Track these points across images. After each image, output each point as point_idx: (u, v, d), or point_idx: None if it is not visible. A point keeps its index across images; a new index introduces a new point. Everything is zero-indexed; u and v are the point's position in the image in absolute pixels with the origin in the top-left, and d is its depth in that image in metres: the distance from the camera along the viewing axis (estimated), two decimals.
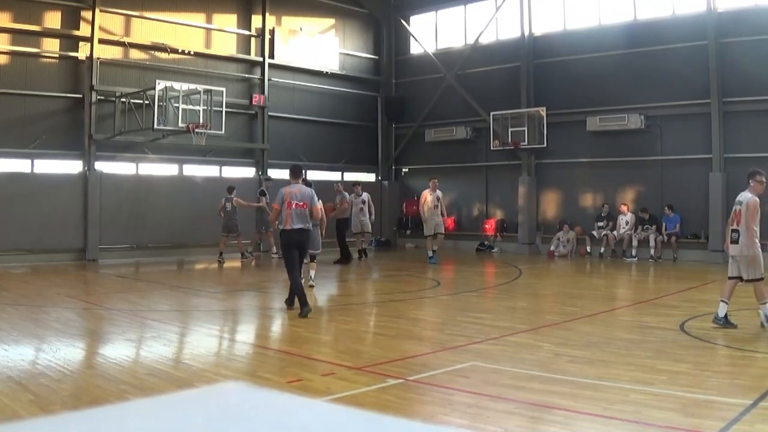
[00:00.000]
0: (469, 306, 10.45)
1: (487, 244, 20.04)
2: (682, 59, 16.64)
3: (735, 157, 15.98)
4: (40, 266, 14.93)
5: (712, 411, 4.59)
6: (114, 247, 16.81)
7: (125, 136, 16.72)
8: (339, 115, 21.80)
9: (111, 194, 16.60)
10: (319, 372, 5.76)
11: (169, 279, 13.63)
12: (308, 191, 8.82)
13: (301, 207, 8.67)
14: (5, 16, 15.38)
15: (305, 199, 8.71)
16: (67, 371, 5.72)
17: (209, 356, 6.77)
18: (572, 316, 8.75)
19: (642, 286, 13.41)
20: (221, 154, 18.82)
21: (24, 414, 4.44)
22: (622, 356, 6.31)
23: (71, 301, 10.01)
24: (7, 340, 6.97)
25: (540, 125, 18.83)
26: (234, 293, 11.60)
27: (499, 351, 6.75)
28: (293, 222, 8.63)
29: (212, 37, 19.00)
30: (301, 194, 8.71)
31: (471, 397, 5.02)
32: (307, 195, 8.77)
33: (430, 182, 15.98)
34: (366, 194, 16.91)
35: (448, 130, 20.93)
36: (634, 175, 17.98)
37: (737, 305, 9.78)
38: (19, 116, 15.68)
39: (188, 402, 1.24)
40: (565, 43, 18.81)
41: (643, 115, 17.01)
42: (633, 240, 16.95)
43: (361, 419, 1.16)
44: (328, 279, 13.51)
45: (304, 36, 20.67)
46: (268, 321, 9.26)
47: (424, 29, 22.31)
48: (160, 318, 8.64)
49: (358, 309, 10.09)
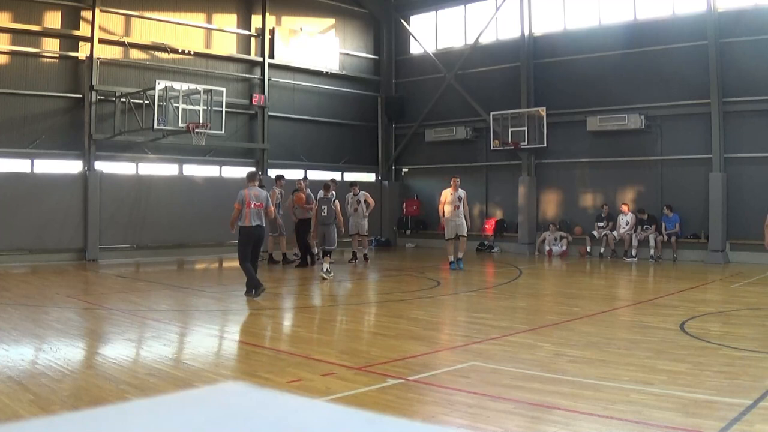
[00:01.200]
0: (469, 306, 10.46)
1: (487, 244, 20.04)
2: (682, 59, 16.64)
3: (735, 157, 16.00)
4: (40, 266, 14.92)
5: (712, 411, 4.59)
6: (114, 247, 16.82)
7: (125, 136, 16.72)
8: (339, 115, 21.81)
9: (111, 194, 16.60)
10: (319, 372, 5.76)
11: (169, 279, 13.62)
12: (264, 193, 10.16)
13: (258, 207, 9.95)
14: (5, 16, 15.38)
15: (261, 200, 10.01)
16: (67, 371, 5.72)
17: (209, 356, 6.77)
18: (572, 316, 8.75)
19: (642, 286, 13.40)
20: (221, 154, 18.82)
21: (24, 414, 4.43)
22: (622, 356, 6.31)
23: (71, 301, 10.01)
24: (7, 340, 6.97)
25: (540, 125, 18.83)
26: (234, 293, 11.59)
27: (499, 351, 6.75)
28: (252, 219, 9.91)
29: (212, 37, 19.00)
30: (258, 196, 10.00)
31: (471, 397, 5.01)
32: (263, 196, 10.08)
33: (452, 180, 14.51)
34: (363, 193, 16.38)
35: (448, 130, 20.94)
36: (634, 175, 17.99)
37: (737, 305, 9.79)
38: (19, 116, 15.68)
39: (188, 402, 1.24)
40: (565, 43, 18.82)
41: (643, 115, 17.01)
42: (633, 240, 16.95)
43: (361, 419, 1.16)
44: (328, 279, 13.50)
45: (304, 36, 20.68)
46: (268, 321, 9.26)
47: (424, 29, 22.32)
48: (160, 318, 8.64)
49: (358, 309, 10.09)
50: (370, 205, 16.34)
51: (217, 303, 10.50)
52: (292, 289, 12.54)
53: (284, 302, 11.05)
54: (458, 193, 14.32)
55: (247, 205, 9.87)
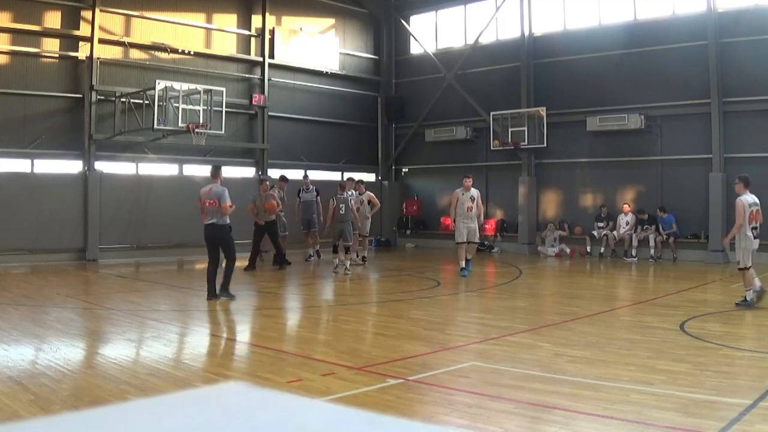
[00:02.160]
0: (469, 306, 10.46)
1: (487, 244, 20.04)
2: (682, 59, 16.64)
3: (735, 157, 15.99)
4: (40, 266, 14.92)
5: (712, 411, 4.59)
6: (114, 247, 16.81)
7: (125, 136, 16.72)
8: (339, 115, 21.81)
9: (111, 194, 16.60)
10: (319, 372, 5.76)
11: (169, 279, 13.63)
12: (217, 190, 9.98)
13: (213, 205, 9.91)
14: (5, 16, 15.38)
15: (214, 197, 9.93)
16: (67, 371, 5.72)
17: (209, 356, 6.77)
18: (572, 316, 8.75)
19: (642, 286, 13.40)
20: (221, 154, 18.81)
21: (24, 414, 4.44)
22: (622, 356, 6.31)
23: (71, 301, 10.01)
24: (7, 340, 6.97)
25: (540, 125, 18.83)
26: (234, 293, 11.59)
27: (499, 351, 6.75)
28: (207, 218, 10.04)
29: (212, 37, 19.00)
30: (211, 193, 9.98)
31: (471, 397, 5.02)
32: (214, 194, 9.96)
33: (464, 180, 13.36)
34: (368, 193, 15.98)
35: (448, 130, 20.94)
36: (634, 175, 17.98)
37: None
38: (19, 116, 15.68)
39: (188, 402, 1.24)
40: (565, 43, 18.82)
41: (643, 115, 17.01)
42: (633, 240, 16.95)
43: (361, 419, 1.16)
44: (328, 278, 13.52)
45: (304, 36, 20.67)
46: (267, 321, 9.26)
47: (424, 29, 22.32)
48: (160, 318, 8.64)
49: (358, 309, 10.09)
50: (375, 206, 16.13)
51: (217, 303, 10.49)
52: (292, 289, 12.55)
53: (284, 302, 11.05)
54: (470, 194, 13.24)
55: (202, 203, 10.08)
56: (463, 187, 13.27)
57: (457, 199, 13.26)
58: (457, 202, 13.25)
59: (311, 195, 16.25)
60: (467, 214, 13.14)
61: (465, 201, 13.18)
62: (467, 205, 13.14)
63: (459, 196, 13.27)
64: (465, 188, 13.26)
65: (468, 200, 13.17)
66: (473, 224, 13.21)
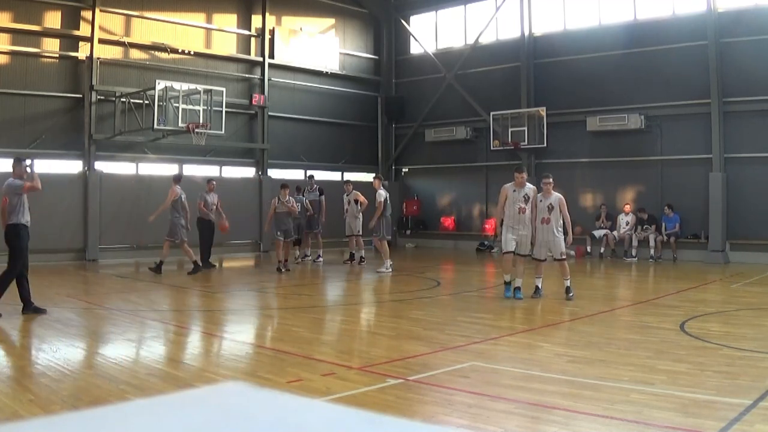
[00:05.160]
0: (469, 306, 10.45)
1: (487, 244, 20.04)
2: (682, 59, 16.65)
3: (735, 157, 16.00)
4: (40, 266, 14.89)
5: (712, 411, 4.59)
6: (114, 247, 16.82)
7: (125, 136, 16.72)
8: (339, 115, 21.81)
9: (111, 194, 16.60)
10: (319, 372, 5.76)
11: (169, 279, 13.62)
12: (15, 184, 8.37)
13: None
14: (5, 16, 15.39)
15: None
16: (67, 371, 5.71)
17: (209, 356, 6.77)
18: (572, 316, 8.75)
19: (642, 286, 13.40)
20: (221, 154, 18.82)
21: (24, 414, 4.43)
22: (622, 356, 6.31)
23: (71, 301, 10.01)
24: (7, 340, 6.97)
25: (540, 125, 18.83)
26: (234, 293, 11.60)
27: (499, 351, 6.75)
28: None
29: (212, 37, 19.00)
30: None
31: (471, 397, 5.01)
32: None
33: (515, 174, 10.28)
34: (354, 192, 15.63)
35: (448, 130, 20.95)
36: (634, 175, 17.99)
37: (737, 305, 9.79)
38: (19, 116, 15.68)
39: (188, 402, 1.24)
40: (565, 43, 18.82)
41: (643, 115, 17.01)
42: (633, 240, 16.95)
43: (361, 419, 1.16)
44: (328, 279, 13.51)
45: (304, 36, 20.68)
46: (267, 321, 9.26)
47: (424, 29, 22.32)
48: (160, 318, 8.64)
49: (358, 309, 10.09)
50: (363, 204, 15.50)
51: (218, 303, 10.50)
52: (291, 289, 12.54)
53: (284, 302, 11.05)
54: (524, 191, 10.20)
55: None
56: (514, 183, 10.22)
57: (506, 197, 10.20)
58: (505, 201, 10.21)
59: (315, 195, 16.45)
60: (518, 217, 10.09)
61: (516, 200, 10.10)
62: (518, 206, 10.08)
63: (509, 193, 10.19)
64: (517, 184, 10.19)
65: (520, 200, 10.11)
66: (526, 230, 10.19)
